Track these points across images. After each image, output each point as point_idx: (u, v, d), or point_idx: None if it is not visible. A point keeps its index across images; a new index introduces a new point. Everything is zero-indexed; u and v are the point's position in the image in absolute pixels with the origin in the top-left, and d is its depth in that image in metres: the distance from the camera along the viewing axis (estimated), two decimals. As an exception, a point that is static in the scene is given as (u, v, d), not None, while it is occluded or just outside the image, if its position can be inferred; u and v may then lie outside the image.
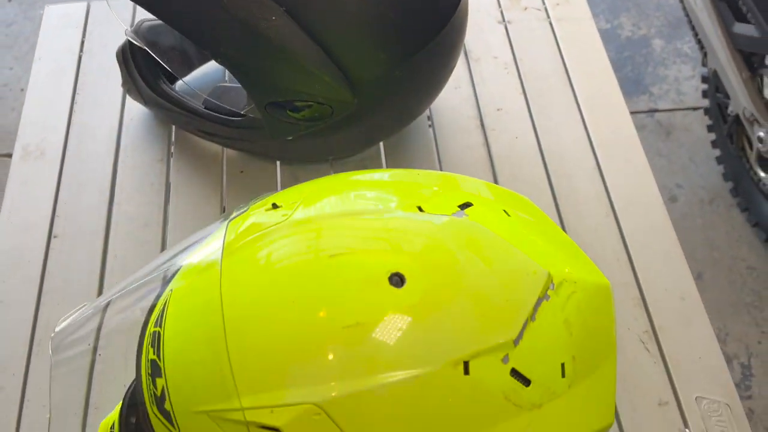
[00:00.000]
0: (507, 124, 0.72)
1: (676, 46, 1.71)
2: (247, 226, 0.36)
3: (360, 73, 0.54)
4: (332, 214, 0.36)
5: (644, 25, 1.75)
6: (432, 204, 0.37)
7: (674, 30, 1.74)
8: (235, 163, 0.69)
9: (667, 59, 1.69)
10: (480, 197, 0.41)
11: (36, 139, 0.71)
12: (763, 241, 1.36)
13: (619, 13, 1.77)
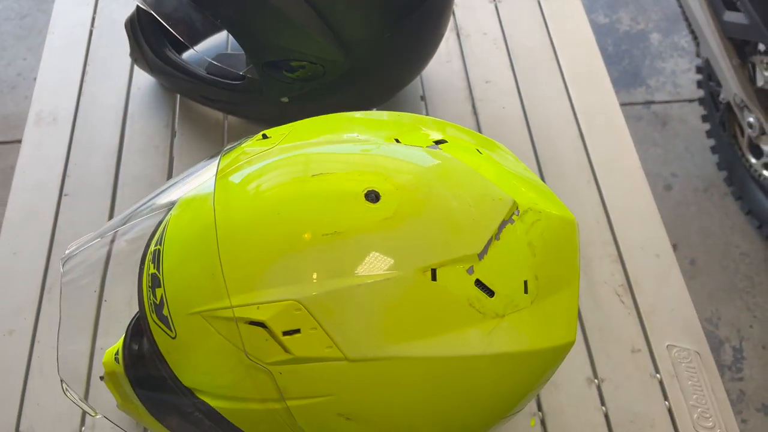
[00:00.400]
0: (495, 96, 0.76)
1: (673, 40, 1.74)
2: (238, 154, 0.40)
3: (351, 34, 0.58)
4: (317, 142, 0.39)
5: (642, 19, 1.79)
6: (410, 138, 0.41)
7: (672, 24, 1.77)
8: (236, 130, 0.73)
9: (665, 53, 1.72)
10: (456, 137, 0.44)
11: (49, 106, 0.75)
12: (756, 228, 1.38)
13: (617, 8, 1.81)
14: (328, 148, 0.39)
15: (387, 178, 0.37)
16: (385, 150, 0.39)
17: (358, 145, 0.39)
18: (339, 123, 0.43)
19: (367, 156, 0.38)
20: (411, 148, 0.40)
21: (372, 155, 0.39)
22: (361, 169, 0.38)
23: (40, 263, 0.63)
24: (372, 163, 0.38)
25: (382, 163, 0.38)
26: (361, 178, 0.37)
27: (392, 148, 0.40)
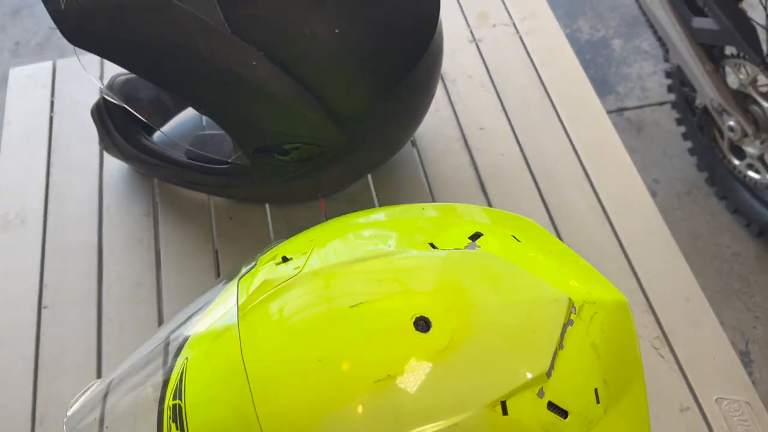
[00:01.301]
0: (491, 143, 0.72)
1: (635, 44, 1.75)
2: (259, 283, 0.35)
3: (344, 109, 0.53)
4: (345, 261, 0.35)
5: (602, 26, 1.79)
6: (442, 239, 0.37)
7: (631, 29, 1.78)
8: (224, 210, 0.68)
9: (628, 58, 1.72)
10: (486, 225, 0.40)
11: (15, 207, 0.69)
12: (744, 227, 1.38)
13: (576, 16, 1.81)
14: (361, 267, 0.34)
15: (434, 298, 0.33)
16: (423, 261, 0.35)
17: (393, 259, 0.35)
18: (362, 229, 0.38)
19: (405, 272, 0.34)
20: (450, 253, 0.36)
21: (411, 270, 0.34)
22: (402, 290, 0.33)
23: (26, 391, 0.57)
24: (414, 280, 0.34)
25: (424, 278, 0.34)
26: (405, 303, 0.33)
27: (430, 256, 0.35)
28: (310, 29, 0.50)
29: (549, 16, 0.83)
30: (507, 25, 0.82)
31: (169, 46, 0.49)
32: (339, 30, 0.51)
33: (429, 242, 0.36)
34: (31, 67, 0.80)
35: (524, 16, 0.83)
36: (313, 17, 0.50)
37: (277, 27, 0.50)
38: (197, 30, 0.49)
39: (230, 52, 0.49)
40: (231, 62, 0.49)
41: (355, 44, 0.51)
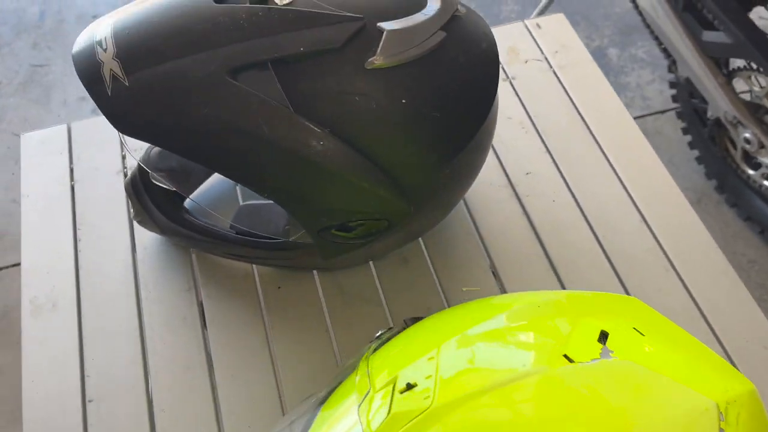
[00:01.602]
0: (540, 188, 0.70)
1: (631, 53, 1.74)
2: (390, 417, 0.31)
3: (411, 180, 0.50)
4: (479, 389, 0.32)
5: (596, 36, 1.78)
6: (573, 347, 0.34)
7: (626, 37, 1.77)
8: (270, 279, 0.64)
9: (626, 67, 1.71)
10: (604, 319, 0.37)
11: (44, 289, 0.64)
12: (757, 234, 1.38)
13: (570, 27, 1.80)
14: (504, 398, 0.31)
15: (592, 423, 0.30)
16: (565, 377, 0.32)
17: (534, 381, 0.32)
18: (486, 339, 0.35)
19: (555, 396, 0.31)
20: (589, 366, 0.33)
21: (560, 394, 0.31)
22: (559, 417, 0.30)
23: (81, 498, 0.53)
24: (567, 406, 0.31)
25: (576, 403, 0.31)
26: None
27: (570, 371, 0.32)
28: (376, 102, 0.47)
29: (580, 48, 0.81)
30: (539, 60, 0.80)
31: (229, 130, 0.46)
32: (405, 100, 0.47)
33: (563, 354, 0.33)
34: (42, 132, 0.75)
35: (555, 50, 0.80)
36: (379, 88, 0.47)
37: (342, 101, 0.47)
38: (258, 111, 0.45)
39: (295, 132, 0.46)
40: (297, 143, 0.46)
41: (422, 113, 0.48)
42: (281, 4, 0.47)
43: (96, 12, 1.85)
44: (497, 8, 1.83)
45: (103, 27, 0.48)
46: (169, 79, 0.45)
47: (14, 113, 1.67)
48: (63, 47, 1.79)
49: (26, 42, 1.81)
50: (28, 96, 1.70)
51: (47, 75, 1.74)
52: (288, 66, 0.46)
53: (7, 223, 1.48)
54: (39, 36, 1.82)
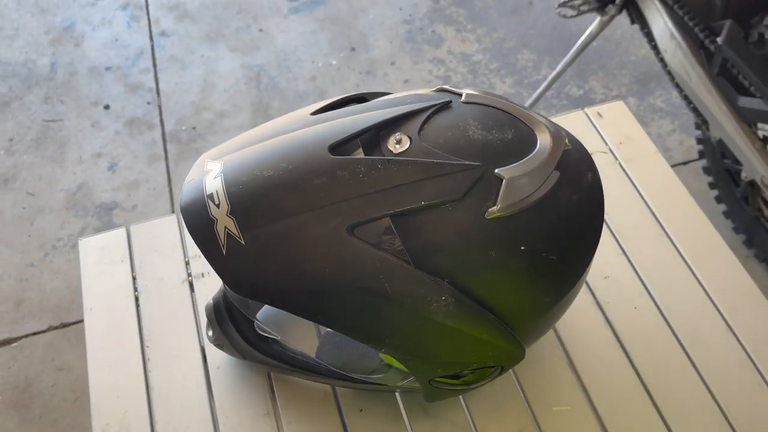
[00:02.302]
0: (620, 294, 0.68)
1: (649, 102, 1.75)
2: None
3: (527, 323, 0.48)
4: None
5: (614, 85, 1.78)
6: None
7: (643, 86, 1.78)
8: (351, 400, 0.62)
9: (645, 117, 1.72)
10: None
11: (116, 416, 0.61)
12: (789, 290, 1.37)
13: (587, 77, 1.80)
14: None
15: None
16: None
17: None
18: None
19: None
20: None
21: None
22: None
23: None
24: None
25: None
26: None
27: None
28: (496, 251, 0.45)
29: (644, 138, 0.80)
30: (604, 152, 0.79)
31: (351, 289, 0.43)
32: (524, 247, 0.46)
33: None
34: (101, 237, 0.73)
35: (620, 141, 0.79)
36: (499, 238, 0.45)
37: (462, 253, 0.45)
38: (380, 268, 0.43)
39: (417, 289, 0.44)
40: (419, 300, 0.44)
41: (540, 258, 0.47)
42: (396, 152, 0.45)
43: (109, 64, 1.83)
44: (513, 57, 1.83)
45: (213, 178, 0.45)
46: (288, 237, 0.43)
47: (28, 172, 1.63)
48: (76, 101, 1.76)
49: (38, 96, 1.78)
50: (42, 153, 1.67)
51: (61, 131, 1.71)
52: (407, 219, 0.44)
53: (23, 289, 1.44)
54: (51, 89, 1.79)
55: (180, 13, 1.96)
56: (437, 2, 1.96)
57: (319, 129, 0.46)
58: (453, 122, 0.47)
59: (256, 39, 1.89)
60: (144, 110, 1.74)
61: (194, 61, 1.84)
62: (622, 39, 1.86)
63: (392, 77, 1.79)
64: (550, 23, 1.89)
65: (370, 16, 1.93)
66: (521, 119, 0.49)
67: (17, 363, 1.33)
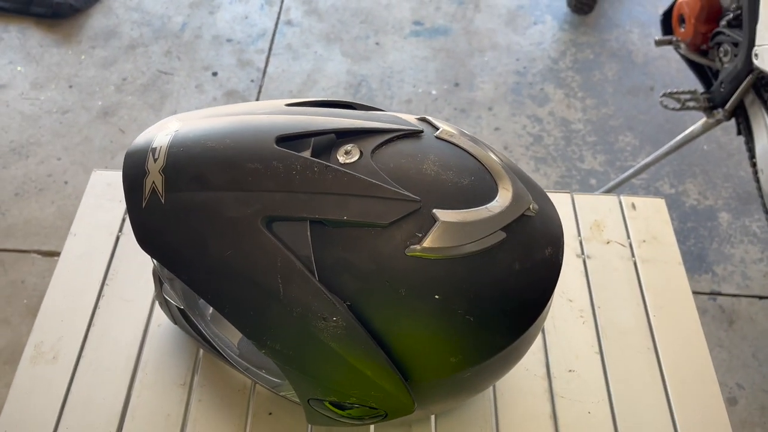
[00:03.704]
0: (579, 393, 0.63)
1: (744, 223, 1.61)
2: None
3: (425, 377, 0.46)
4: None
5: (711, 195, 1.67)
6: None
7: (743, 205, 1.65)
8: (264, 402, 0.61)
9: (734, 236, 1.59)
10: None
11: (51, 337, 0.64)
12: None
13: (684, 178, 1.70)
14: None
15: None
16: None
17: None
18: None
19: None
20: None
21: None
22: None
23: None
24: None
25: None
26: None
27: None
28: (407, 290, 0.43)
29: (672, 245, 0.74)
30: (623, 245, 0.73)
31: (245, 279, 0.43)
32: (439, 296, 0.43)
33: None
34: (112, 174, 0.76)
35: (644, 239, 0.74)
36: (414, 277, 0.43)
37: (370, 280, 0.43)
38: (280, 269, 0.42)
39: (310, 301, 0.42)
40: (309, 313, 0.42)
41: (454, 314, 0.44)
42: (342, 161, 0.44)
43: (231, 37, 1.93)
44: (614, 137, 1.76)
45: (164, 135, 0.47)
46: (204, 209, 0.43)
47: (127, 111, 1.75)
48: (191, 61, 1.87)
49: (161, 48, 1.91)
50: (145, 98, 1.79)
51: (168, 83, 1.82)
52: (326, 229, 0.43)
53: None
54: (174, 45, 1.92)
55: (310, 8, 2.04)
56: (556, 63, 1.92)
57: (277, 119, 0.46)
58: (412, 152, 0.46)
59: (370, 50, 1.93)
60: (246, 86, 1.82)
61: (307, 54, 1.91)
62: (737, 151, 1.74)
63: (485, 122, 1.77)
64: (665, 114, 1.80)
65: (485, 58, 1.92)
66: (489, 171, 0.47)
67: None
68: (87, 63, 1.87)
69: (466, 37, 1.99)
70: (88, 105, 1.78)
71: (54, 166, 1.65)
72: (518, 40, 1.98)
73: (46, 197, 1.58)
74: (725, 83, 1.22)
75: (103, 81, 1.83)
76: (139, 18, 2.00)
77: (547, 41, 1.98)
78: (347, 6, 2.06)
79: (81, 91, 1.81)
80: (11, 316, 1.37)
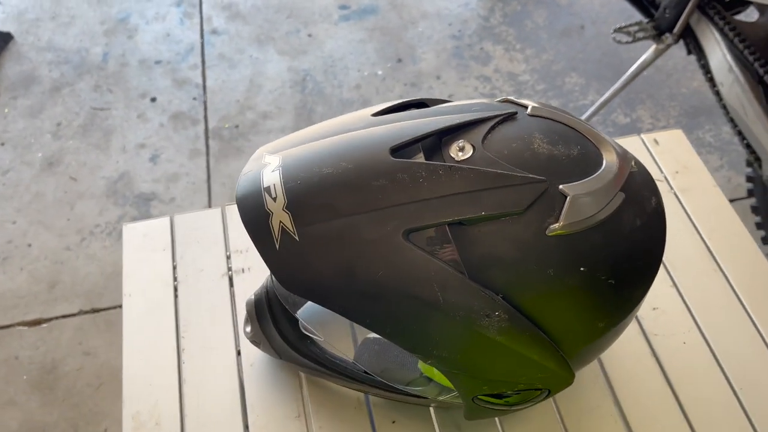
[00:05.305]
0: (668, 327, 0.66)
1: (698, 136, 1.71)
2: None
3: (579, 347, 0.47)
4: None
5: (662, 116, 1.75)
6: None
7: (693, 119, 1.74)
8: (384, 411, 0.60)
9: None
10: None
11: (147, 404, 0.61)
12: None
13: (635, 105, 1.77)
14: None
15: None
16: None
17: None
18: None
19: None
20: None
21: None
22: None
23: None
24: None
25: None
26: None
27: None
28: (555, 269, 0.44)
29: (702, 169, 0.78)
30: (659, 180, 0.76)
31: (402, 295, 0.42)
32: (584, 268, 0.44)
33: None
34: (145, 224, 0.73)
35: (676, 170, 0.77)
36: (559, 256, 0.44)
37: (519, 268, 0.43)
38: (434, 277, 0.42)
39: (470, 302, 0.42)
40: (471, 313, 0.42)
41: (599, 281, 0.45)
42: (458, 159, 0.44)
43: (159, 58, 1.85)
44: (561, 80, 1.81)
45: (270, 171, 0.45)
46: (342, 236, 0.42)
47: (73, 157, 1.66)
48: (124, 91, 1.79)
49: (88, 83, 1.81)
50: (88, 140, 1.69)
51: (107, 119, 1.74)
52: (465, 228, 0.43)
53: (58, 272, 1.46)
54: (101, 78, 1.82)
55: (232, 13, 1.98)
56: (487, 20, 1.95)
57: (380, 130, 0.46)
58: (518, 134, 0.46)
59: (305, 44, 1.90)
60: (189, 105, 1.76)
61: (242, 60, 1.86)
62: (674, 70, 1.83)
63: (437, 91, 1.78)
64: (601, 48, 1.87)
65: (419, 29, 1.93)
66: (587, 136, 0.48)
67: (45, 344, 1.34)
68: (13, 116, 1.75)
69: (395, 12, 1.98)
70: (28, 159, 1.67)
71: (11, 231, 1.54)
72: (446, 5, 1.99)
73: (13, 265, 1.48)
74: (669, 9, 1.27)
75: (36, 131, 1.72)
76: (54, 57, 1.88)
77: (473, 1, 2.00)
78: (269, 4, 2.01)
79: (15, 146, 1.69)
80: (15, 395, 1.29)
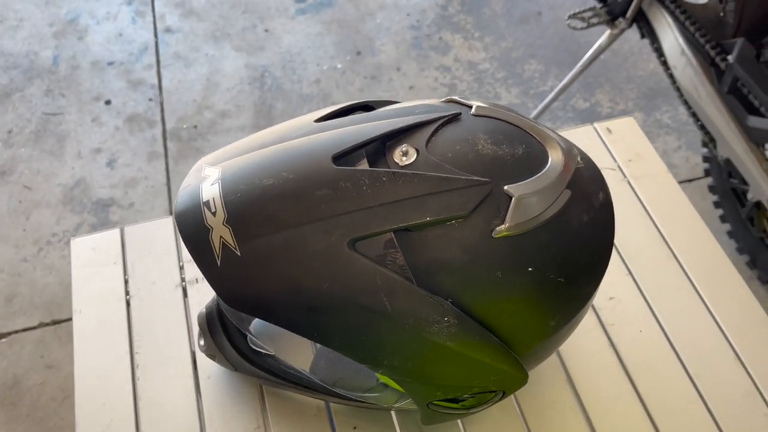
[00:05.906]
0: (625, 316, 0.66)
1: (656, 118, 1.73)
2: None
3: (531, 347, 0.47)
4: None
5: (621, 99, 1.77)
6: None
7: (650, 101, 1.76)
8: (346, 418, 0.60)
9: (651, 132, 1.70)
10: None
11: (101, 425, 0.59)
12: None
13: (593, 90, 1.79)
14: None
15: None
16: None
17: None
18: None
19: None
20: None
21: None
22: None
23: None
24: None
25: None
26: None
27: None
28: (503, 271, 0.43)
29: (655, 157, 0.78)
30: (613, 169, 0.77)
31: (349, 306, 0.41)
32: (532, 268, 0.44)
33: None
34: (94, 238, 0.71)
35: (629, 158, 0.78)
36: (506, 257, 0.43)
37: (467, 271, 0.43)
38: (381, 285, 0.41)
39: (418, 309, 0.42)
40: (420, 320, 0.42)
41: (548, 280, 0.45)
42: (402, 164, 0.44)
43: (112, 59, 1.81)
44: (520, 67, 1.82)
45: (210, 185, 0.43)
46: (286, 250, 0.41)
47: (26, 165, 1.61)
48: (77, 95, 1.74)
49: (39, 88, 1.76)
50: (41, 146, 1.65)
51: (60, 124, 1.69)
52: (411, 235, 0.42)
53: (15, 284, 1.42)
54: (52, 82, 1.77)
55: (185, 10, 1.94)
56: (445, 9, 1.94)
57: (322, 137, 0.45)
58: (462, 136, 0.46)
59: (262, 39, 1.87)
60: (145, 107, 1.72)
61: (198, 59, 1.83)
62: (630, 53, 1.85)
63: (397, 83, 1.77)
64: (558, 34, 1.88)
65: (377, 21, 1.91)
66: (532, 134, 0.47)
67: (6, 359, 1.31)
68: (-39, 125, 1.69)
69: (352, 3, 1.96)
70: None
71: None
72: (403, -5, 1.98)
73: (-31, 279, 1.44)
74: (621, -6, 1.28)
75: (-14, 140, 1.67)
76: (2, 62, 1.82)
77: (430, -10, 1.99)
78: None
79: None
80: (-24, 414, 1.26)
